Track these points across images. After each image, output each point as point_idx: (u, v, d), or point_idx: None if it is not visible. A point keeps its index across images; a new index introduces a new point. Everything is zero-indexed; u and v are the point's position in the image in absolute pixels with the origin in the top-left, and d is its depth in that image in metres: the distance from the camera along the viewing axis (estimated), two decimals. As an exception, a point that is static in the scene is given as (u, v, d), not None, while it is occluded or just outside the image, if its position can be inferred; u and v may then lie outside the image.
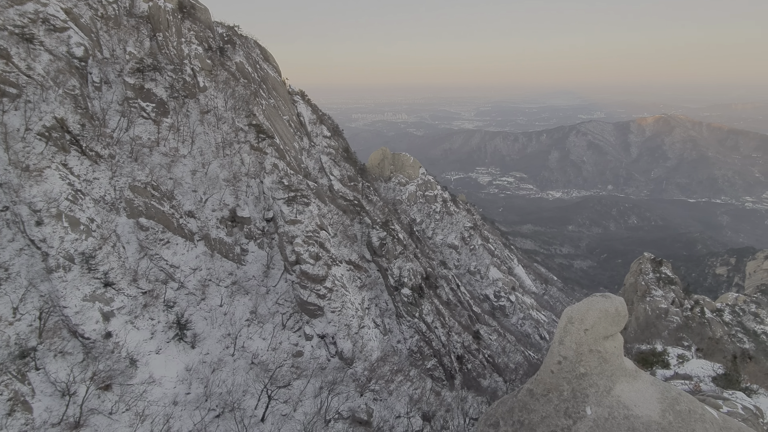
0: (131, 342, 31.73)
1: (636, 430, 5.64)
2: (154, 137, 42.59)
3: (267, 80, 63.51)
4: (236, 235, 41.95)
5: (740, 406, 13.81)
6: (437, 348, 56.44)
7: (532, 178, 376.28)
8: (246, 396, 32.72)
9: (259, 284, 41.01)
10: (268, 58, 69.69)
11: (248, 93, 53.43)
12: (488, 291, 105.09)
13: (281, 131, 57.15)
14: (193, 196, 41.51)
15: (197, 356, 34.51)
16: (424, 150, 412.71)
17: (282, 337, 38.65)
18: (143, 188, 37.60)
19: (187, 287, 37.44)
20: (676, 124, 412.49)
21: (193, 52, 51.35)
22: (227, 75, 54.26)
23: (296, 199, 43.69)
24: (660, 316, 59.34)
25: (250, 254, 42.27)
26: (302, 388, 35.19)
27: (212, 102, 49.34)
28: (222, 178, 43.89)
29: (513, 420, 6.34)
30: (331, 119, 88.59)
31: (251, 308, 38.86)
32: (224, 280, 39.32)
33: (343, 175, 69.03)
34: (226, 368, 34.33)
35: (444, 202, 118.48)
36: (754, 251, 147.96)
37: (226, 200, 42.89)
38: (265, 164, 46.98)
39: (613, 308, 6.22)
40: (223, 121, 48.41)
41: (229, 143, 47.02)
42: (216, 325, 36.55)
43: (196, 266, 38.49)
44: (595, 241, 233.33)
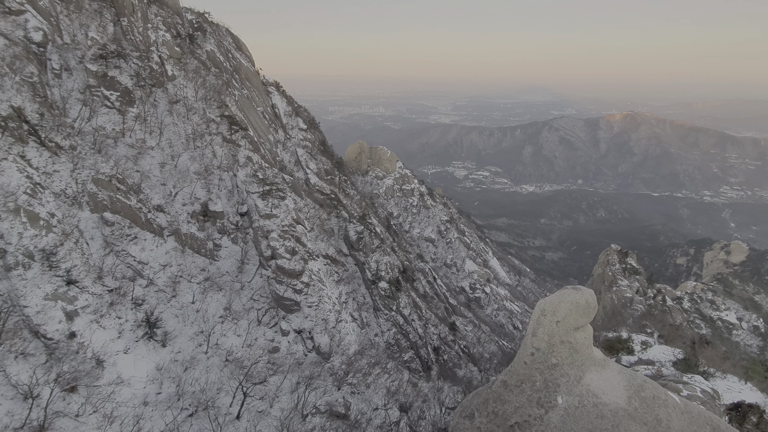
0: (97, 342, 30.44)
1: (604, 417, 5.83)
2: (118, 128, 40.62)
3: (240, 70, 61.66)
4: (208, 230, 40.76)
5: (699, 389, 14.64)
6: (414, 340, 57.06)
7: (507, 173, 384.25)
8: (220, 394, 32.07)
9: (233, 280, 40.10)
10: (240, 47, 67.63)
11: (220, 83, 51.74)
12: (464, 283, 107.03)
13: (255, 123, 55.75)
14: (162, 189, 39.96)
15: (168, 355, 33.49)
16: (402, 144, 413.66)
17: (257, 333, 38.03)
18: (108, 181, 35.87)
19: (157, 284, 36.17)
20: (642, 121, 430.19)
21: (160, 38, 49.15)
22: (197, 64, 52.31)
23: (271, 193, 42.83)
24: (625, 305, 62.13)
25: (224, 249, 41.23)
26: (279, 384, 34.82)
27: (182, 91, 47.48)
28: (193, 171, 42.43)
29: (487, 411, 6.45)
30: (307, 111, 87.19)
31: (225, 305, 37.98)
32: (196, 276, 38.21)
33: (319, 169, 68.19)
34: (199, 366, 33.49)
35: (421, 195, 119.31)
36: (711, 242, 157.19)
37: (198, 194, 41.54)
38: (238, 157, 45.74)
39: (584, 300, 6.39)
40: (194, 111, 46.72)
41: (200, 135, 45.46)
42: (188, 322, 35.53)
43: (166, 262, 37.19)
44: (565, 233, 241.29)
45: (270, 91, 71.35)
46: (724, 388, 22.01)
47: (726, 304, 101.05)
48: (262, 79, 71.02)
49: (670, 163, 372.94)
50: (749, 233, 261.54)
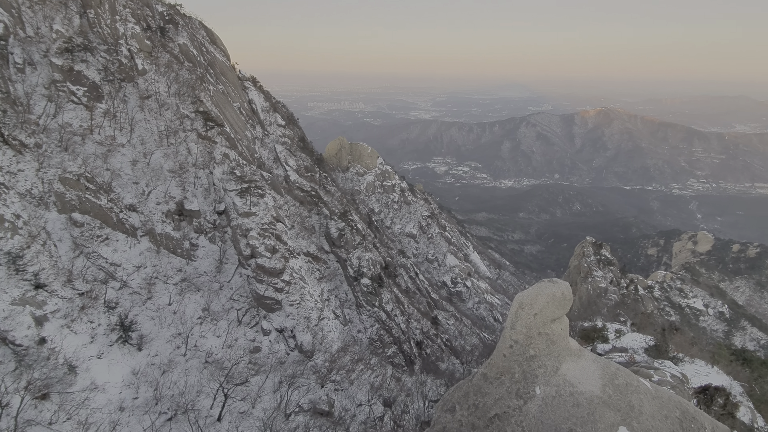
0: (69, 347, 29.33)
1: (580, 405, 5.98)
2: (86, 124, 38.96)
3: (214, 64, 60.06)
4: (184, 230, 39.70)
5: (669, 374, 15.27)
6: (397, 335, 57.37)
7: (486, 168, 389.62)
8: (200, 396, 31.44)
9: (211, 280, 39.24)
10: (215, 40, 65.83)
11: (194, 78, 50.27)
12: (445, 278, 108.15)
13: (231, 119, 54.50)
14: (134, 188, 38.62)
15: (145, 359, 32.57)
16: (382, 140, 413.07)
17: (238, 333, 37.40)
18: (76, 181, 34.40)
19: (131, 286, 35.04)
20: (614, 116, 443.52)
21: (129, 31, 47.30)
22: (169, 58, 50.65)
23: (250, 191, 42.03)
24: (600, 295, 64.18)
25: (201, 249, 40.26)
26: (261, 384, 34.40)
27: (153, 86, 45.90)
28: (167, 168, 41.16)
29: (468, 404, 6.52)
30: (285, 107, 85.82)
31: (203, 305, 37.15)
32: (173, 277, 37.19)
33: (299, 166, 67.36)
34: (177, 369, 32.70)
35: (402, 191, 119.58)
36: (679, 233, 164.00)
37: (172, 192, 40.35)
38: (214, 154, 44.64)
39: (560, 293, 6.53)
40: (166, 107, 45.26)
41: (173, 131, 44.10)
42: (165, 324, 34.59)
43: (140, 264, 36.04)
44: (543, 226, 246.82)
45: (246, 86, 69.85)
46: (693, 372, 23.06)
47: (693, 291, 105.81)
48: (238, 73, 69.41)
49: (641, 158, 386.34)
50: (715, 224, 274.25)
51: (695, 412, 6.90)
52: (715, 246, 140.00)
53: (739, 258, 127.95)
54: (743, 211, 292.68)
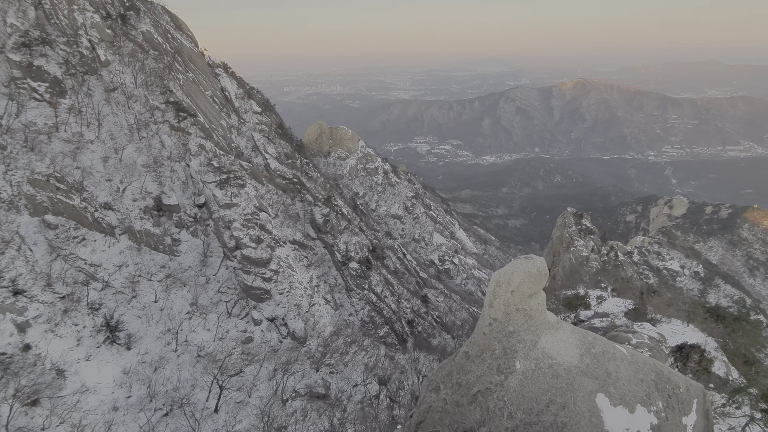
0: (55, 352, 28.85)
1: (559, 376, 6.21)
2: (51, 122, 37.20)
3: (182, 51, 57.65)
4: (165, 225, 38.85)
5: (647, 336, 15.98)
6: (388, 316, 58.21)
7: (468, 145, 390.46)
8: (195, 390, 31.52)
9: (197, 274, 38.77)
10: (180, 26, 62.99)
11: (161, 66, 48.24)
12: (433, 256, 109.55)
13: (205, 108, 52.81)
14: (107, 185, 37.39)
15: (135, 357, 32.31)
16: (362, 122, 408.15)
17: (228, 325, 37.32)
18: (45, 181, 33.07)
19: (114, 286, 34.37)
20: (591, 87, 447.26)
21: (88, 21, 44.80)
22: (133, 46, 48.35)
23: (229, 182, 41.20)
24: (582, 263, 65.99)
25: (184, 244, 39.56)
26: (255, 373, 34.65)
27: (118, 78, 43.93)
28: (140, 163, 39.87)
29: (452, 382, 6.71)
30: (260, 93, 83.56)
31: (191, 300, 36.80)
32: (156, 274, 36.57)
33: (279, 153, 66.15)
34: (169, 365, 32.59)
35: (385, 173, 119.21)
36: (656, 199, 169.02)
37: (148, 188, 39.23)
38: (189, 145, 43.38)
39: (535, 268, 6.67)
40: (134, 99, 43.49)
41: (144, 124, 42.54)
42: (152, 322, 34.22)
43: (121, 262, 35.28)
44: (526, 200, 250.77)
45: (218, 73, 67.49)
46: (670, 332, 24.14)
47: (670, 254, 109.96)
48: (207, 60, 66.88)
49: (618, 127, 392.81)
50: (689, 188, 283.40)
51: (669, 373, 7.24)
52: (690, 209, 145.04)
53: (712, 219, 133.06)
54: (715, 174, 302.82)
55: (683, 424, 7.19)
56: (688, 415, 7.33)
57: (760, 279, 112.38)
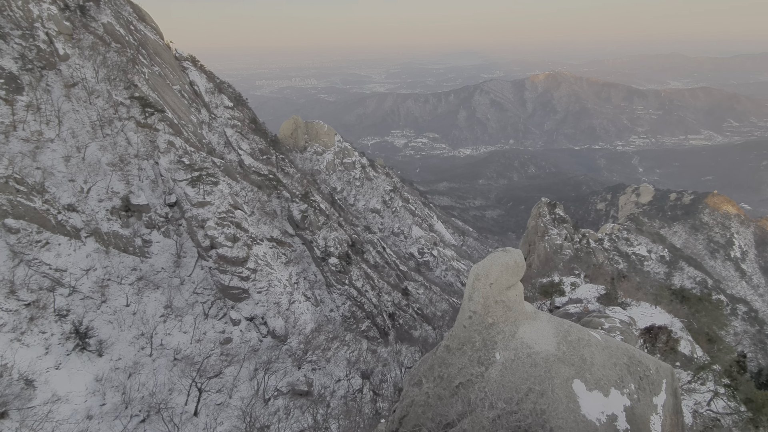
0: (22, 361, 27.44)
1: (537, 364, 6.34)
2: (8, 120, 34.95)
3: (146, 44, 55.23)
4: (134, 226, 37.37)
5: (618, 320, 16.62)
6: (369, 310, 58.37)
7: (444, 138, 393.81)
8: (173, 394, 30.70)
9: (170, 276, 37.56)
10: (143, 17, 60.26)
11: (124, 60, 46.09)
12: (412, 249, 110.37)
13: (173, 104, 50.91)
14: (71, 186, 35.57)
15: (107, 364, 31.14)
16: (338, 116, 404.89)
17: (206, 327, 36.44)
18: (4, 183, 31.13)
19: (82, 291, 32.88)
20: (562, 80, 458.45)
21: (45, 12, 42.19)
22: (94, 39, 45.94)
23: (202, 179, 39.98)
24: (556, 251, 67.99)
25: (155, 245, 38.20)
26: (236, 374, 34.05)
27: (79, 73, 41.67)
28: (105, 162, 38.08)
29: (434, 376, 6.76)
30: (231, 87, 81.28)
31: (165, 303, 35.67)
32: (127, 277, 35.21)
33: (253, 149, 64.72)
34: (144, 370, 31.58)
35: (363, 168, 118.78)
36: (624, 187, 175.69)
37: (115, 187, 37.56)
38: (158, 142, 41.75)
39: (513, 261, 6.77)
40: (97, 94, 41.41)
41: (108, 121, 40.61)
42: (125, 327, 33.01)
43: (88, 266, 33.75)
44: (502, 191, 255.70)
45: (186, 66, 65.11)
46: (639, 315, 25.19)
47: (638, 239, 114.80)
48: (174, 53, 64.37)
49: (588, 118, 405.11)
50: (654, 176, 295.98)
51: (640, 356, 7.53)
52: (655, 196, 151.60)
53: (676, 205, 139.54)
54: (678, 162, 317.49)
55: (654, 404, 7.49)
56: (658, 395, 7.65)
57: (719, 261, 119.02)
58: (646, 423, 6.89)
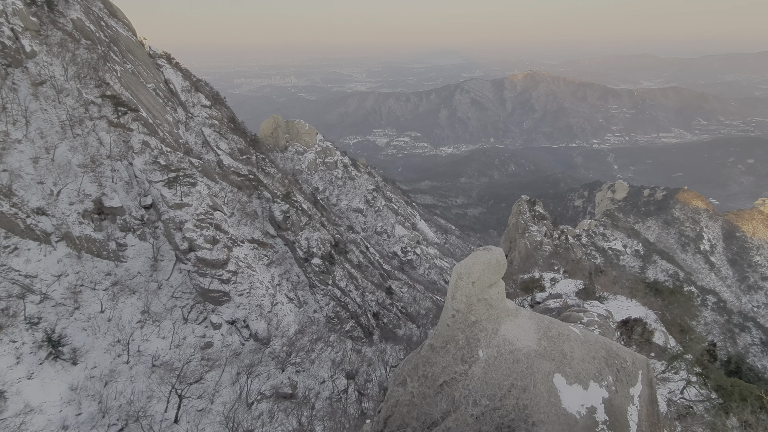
0: (-8, 372, 26.22)
1: (519, 360, 6.42)
2: (-33, 119, 33.24)
3: (118, 41, 53.41)
4: (108, 229, 36.11)
5: (596, 314, 17.06)
6: (353, 310, 58.17)
7: (426, 137, 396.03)
8: (152, 401, 29.87)
9: (147, 280, 36.48)
10: (115, 13, 58.24)
11: (95, 57, 44.43)
12: (396, 248, 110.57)
13: (147, 102, 49.42)
14: (40, 189, 34.09)
15: (82, 372, 30.02)
16: (319, 115, 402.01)
17: (185, 331, 35.57)
18: (-37, 186, 29.59)
19: (53, 298, 31.59)
20: (540, 79, 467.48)
21: (9, 7, 40.21)
22: (62, 35, 44.11)
23: (179, 180, 38.96)
24: (536, 248, 69.31)
25: (131, 248, 37.02)
26: (217, 379, 33.41)
27: (47, 70, 39.95)
28: (76, 163, 36.65)
29: (418, 375, 6.76)
30: (209, 86, 79.53)
31: (142, 308, 34.63)
32: (101, 282, 34.01)
33: (232, 149, 63.49)
34: (121, 378, 30.59)
35: (345, 167, 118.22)
36: (600, 184, 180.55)
37: (87, 190, 36.19)
38: (131, 143, 40.44)
39: (494, 259, 6.83)
40: (66, 93, 39.80)
41: (78, 120, 39.08)
42: (100, 334, 31.89)
43: (60, 272, 32.44)
44: (483, 189, 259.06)
45: (160, 64, 63.29)
46: (616, 308, 25.96)
47: (614, 235, 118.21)
48: (148, 50, 62.46)
49: (565, 117, 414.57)
50: (629, 173, 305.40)
51: (618, 348, 7.73)
52: (630, 192, 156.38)
53: (649, 201, 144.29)
54: (651, 160, 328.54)
55: (630, 395, 7.70)
56: (635, 385, 7.88)
57: (690, 254, 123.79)
58: (623, 414, 7.08)
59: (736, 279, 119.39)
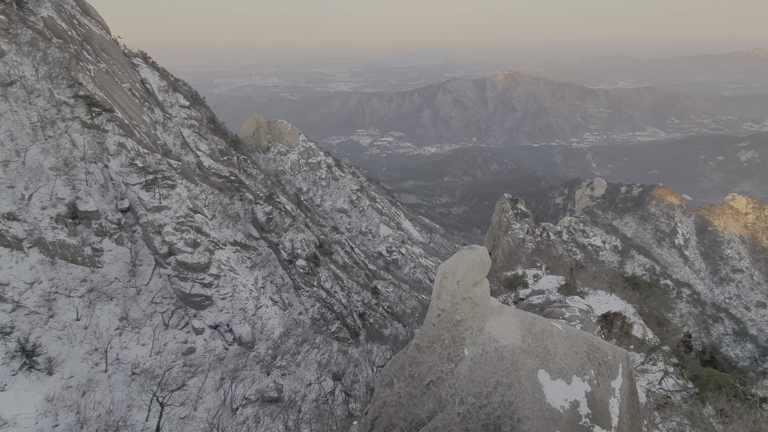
0: (-42, 386, 25.00)
1: (504, 357, 6.49)
2: (-71, 121, 31.63)
3: (92, 39, 51.73)
4: (82, 234, 34.91)
5: (577, 309, 17.43)
6: (339, 311, 57.93)
7: (409, 136, 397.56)
8: (132, 410, 29.03)
9: (125, 286, 35.42)
10: (88, 11, 56.41)
11: (67, 56, 42.91)
12: (381, 248, 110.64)
13: (123, 103, 48.02)
14: (10, 193, 32.69)
15: (58, 382, 28.95)
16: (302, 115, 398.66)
17: (166, 337, 34.70)
18: (-75, 191, 28.12)
19: (27, 306, 30.36)
20: (520, 79, 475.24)
21: (-29, 3, 38.50)
22: (33, 34, 42.44)
23: (157, 182, 37.98)
24: (519, 245, 70.42)
25: (107, 253, 35.88)
26: (200, 385, 32.69)
27: (16, 70, 38.34)
28: (48, 166, 35.30)
29: (405, 375, 6.75)
30: (187, 86, 77.89)
31: (120, 314, 33.62)
32: (76, 289, 32.85)
33: (213, 150, 62.33)
34: (100, 387, 29.64)
35: (329, 167, 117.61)
36: (579, 182, 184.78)
37: (60, 193, 34.90)
38: (106, 144, 39.22)
39: (478, 258, 6.89)
40: (37, 93, 38.30)
41: (50, 122, 37.66)
42: (76, 342, 30.81)
43: (32, 279, 31.20)
44: (466, 188, 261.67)
45: (136, 63, 61.62)
46: (596, 302, 26.62)
47: (593, 231, 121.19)
48: (122, 49, 60.72)
49: (545, 116, 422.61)
50: (606, 170, 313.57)
51: (599, 343, 7.90)
52: (608, 190, 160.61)
53: (626, 198, 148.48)
54: (627, 158, 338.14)
55: (611, 388, 7.88)
56: (615, 378, 8.06)
57: (665, 248, 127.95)
58: (605, 406, 7.24)
59: (708, 272, 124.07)
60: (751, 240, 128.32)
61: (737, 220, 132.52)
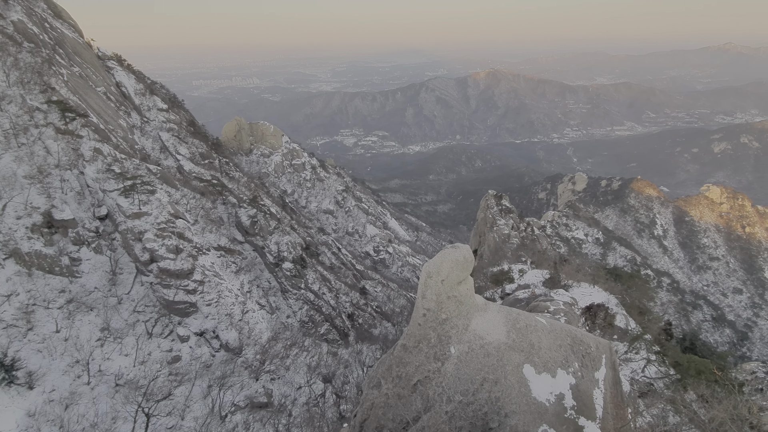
0: (-69, 406, 23.95)
1: (490, 354, 6.54)
2: None
3: (64, 43, 50.14)
4: (59, 243, 33.83)
5: (562, 302, 17.73)
6: (328, 312, 57.58)
7: (394, 136, 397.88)
8: (117, 422, 28.32)
9: (105, 295, 34.49)
10: (60, 14, 54.64)
11: (39, 61, 41.49)
12: (368, 248, 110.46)
13: (98, 107, 46.69)
14: (-20, 203, 31.49)
15: (40, 396, 28.04)
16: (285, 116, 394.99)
17: (150, 346, 33.93)
18: None
19: (4, 319, 29.31)
20: (501, 77, 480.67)
21: (-68, 5, 36.86)
22: (3, 39, 40.92)
23: (136, 188, 37.06)
24: (504, 241, 71.28)
25: (86, 263, 34.85)
26: (187, 394, 32.09)
27: (-17, 75, 36.94)
28: (21, 174, 34.09)
29: (392, 376, 6.74)
30: (165, 88, 76.25)
31: (101, 325, 32.72)
32: (55, 300, 31.83)
33: (193, 153, 61.16)
34: (83, 400, 28.81)
35: (313, 168, 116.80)
36: (561, 176, 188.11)
37: (34, 202, 33.74)
38: (82, 150, 38.06)
39: (462, 256, 6.93)
40: (8, 100, 36.94)
41: (23, 128, 36.37)
42: (56, 355, 29.86)
43: (9, 291, 30.11)
44: (451, 185, 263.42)
45: (110, 66, 59.97)
46: (580, 295, 27.13)
47: (576, 224, 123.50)
48: (96, 52, 59.03)
49: (527, 113, 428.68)
50: (587, 165, 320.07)
51: (582, 335, 8.04)
52: (589, 184, 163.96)
53: (607, 191, 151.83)
54: (607, 152, 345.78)
55: (595, 378, 8.04)
56: (599, 369, 8.23)
57: (645, 239, 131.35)
58: (590, 397, 7.38)
59: (687, 261, 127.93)
60: (726, 229, 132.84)
61: (712, 210, 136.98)
